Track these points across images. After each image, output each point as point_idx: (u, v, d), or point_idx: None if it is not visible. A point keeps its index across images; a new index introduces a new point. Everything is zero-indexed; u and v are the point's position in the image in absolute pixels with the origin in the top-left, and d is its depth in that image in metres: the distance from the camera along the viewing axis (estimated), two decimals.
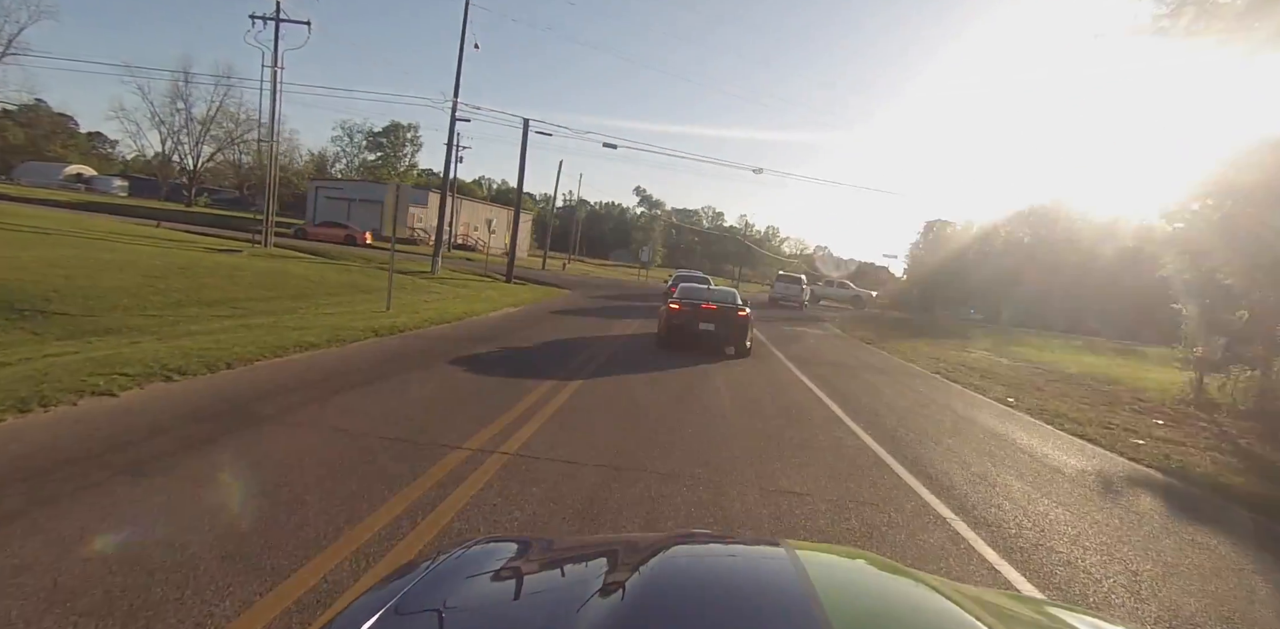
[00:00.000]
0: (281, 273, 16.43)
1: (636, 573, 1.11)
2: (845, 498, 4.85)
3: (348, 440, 4.81)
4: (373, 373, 7.41)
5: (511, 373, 8.55)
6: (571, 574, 1.24)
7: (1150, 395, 12.47)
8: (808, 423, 7.51)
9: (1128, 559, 4.36)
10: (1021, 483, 5.90)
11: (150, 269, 13.03)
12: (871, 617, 1.07)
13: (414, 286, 18.17)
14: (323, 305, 13.24)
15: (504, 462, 4.71)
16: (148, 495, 3.54)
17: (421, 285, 18.71)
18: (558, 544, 1.48)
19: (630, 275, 47.10)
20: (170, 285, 12.02)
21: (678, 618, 0.99)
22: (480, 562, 1.24)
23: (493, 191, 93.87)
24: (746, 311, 12.28)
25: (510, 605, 1.10)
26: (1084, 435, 8.46)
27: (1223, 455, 8.08)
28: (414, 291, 17.10)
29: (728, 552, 1.49)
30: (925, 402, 10.35)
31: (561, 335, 12.82)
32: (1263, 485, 6.83)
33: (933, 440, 7.24)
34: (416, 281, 19.52)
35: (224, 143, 56.28)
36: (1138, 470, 7.08)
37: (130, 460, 3.99)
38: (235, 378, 6.35)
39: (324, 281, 16.47)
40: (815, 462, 5.77)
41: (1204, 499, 6.31)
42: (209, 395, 5.64)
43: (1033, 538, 4.53)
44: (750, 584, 1.21)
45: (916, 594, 1.22)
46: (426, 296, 16.55)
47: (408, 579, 1.15)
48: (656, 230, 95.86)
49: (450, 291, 18.38)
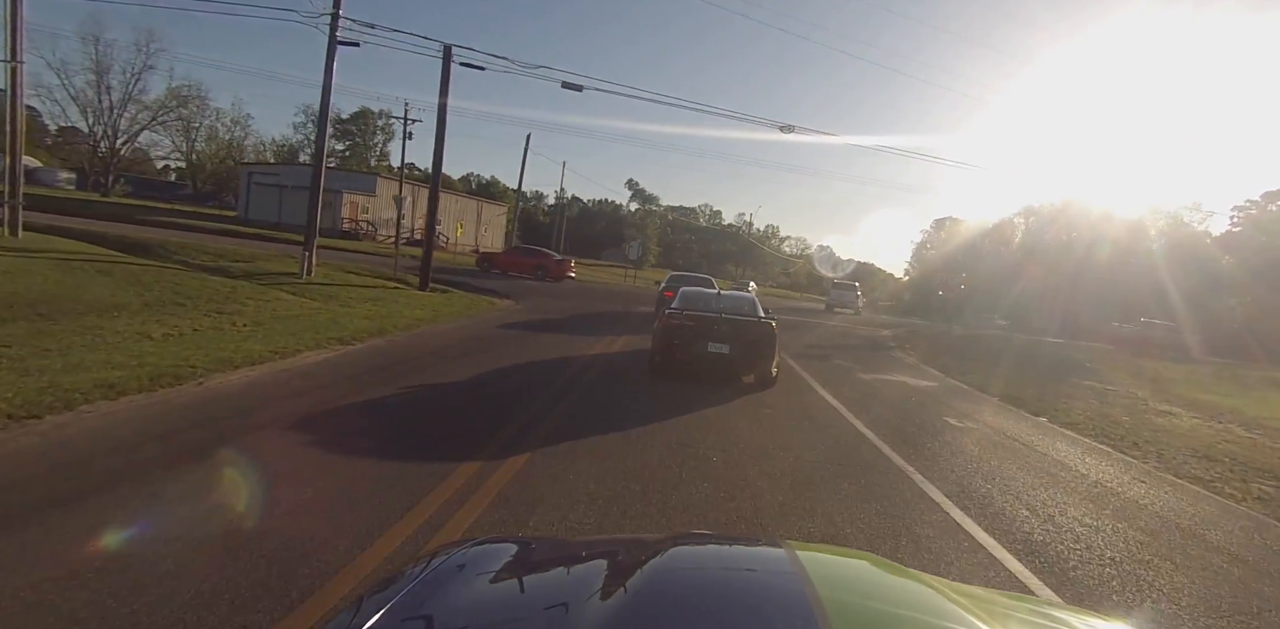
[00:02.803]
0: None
1: (636, 573, 1.09)
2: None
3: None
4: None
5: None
6: (572, 575, 1.19)
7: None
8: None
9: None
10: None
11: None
12: (871, 617, 1.04)
13: (234, 299, 10.93)
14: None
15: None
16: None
17: (249, 299, 11.41)
18: (558, 544, 1.48)
19: (617, 276, 39.74)
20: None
21: (678, 619, 0.98)
22: (480, 562, 1.22)
23: (476, 187, 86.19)
24: (774, 324, 8.87)
25: (510, 606, 1.08)
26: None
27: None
28: (219, 309, 9.92)
29: (728, 552, 1.46)
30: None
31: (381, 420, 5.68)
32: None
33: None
34: (259, 291, 12.24)
35: (150, 120, 48.59)
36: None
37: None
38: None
39: (66, 297, 9.33)
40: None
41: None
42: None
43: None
44: (750, 585, 1.18)
45: (916, 594, 1.18)
46: (232, 317, 9.42)
47: (408, 579, 1.12)
48: (651, 227, 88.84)
49: (285, 309, 11.13)
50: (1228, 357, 31.68)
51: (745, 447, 5.71)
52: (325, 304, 12.23)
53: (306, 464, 4.23)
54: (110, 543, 2.94)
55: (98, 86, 46.05)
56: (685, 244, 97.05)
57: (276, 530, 3.18)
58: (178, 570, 2.75)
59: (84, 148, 50.69)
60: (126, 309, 9.62)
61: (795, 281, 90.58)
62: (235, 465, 3.99)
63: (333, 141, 76.67)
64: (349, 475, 4.07)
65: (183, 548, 2.95)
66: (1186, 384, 16.49)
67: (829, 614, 0.95)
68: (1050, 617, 1.27)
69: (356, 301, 12.96)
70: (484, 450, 4.80)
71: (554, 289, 23.74)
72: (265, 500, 3.54)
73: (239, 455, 4.18)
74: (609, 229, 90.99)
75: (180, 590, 2.60)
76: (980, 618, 1.03)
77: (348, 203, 38.60)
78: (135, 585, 2.61)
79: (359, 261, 21.46)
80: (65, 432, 4.41)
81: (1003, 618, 1.15)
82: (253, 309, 10.42)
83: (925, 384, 11.57)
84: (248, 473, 3.89)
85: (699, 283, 15.14)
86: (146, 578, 2.67)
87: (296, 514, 3.44)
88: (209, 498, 3.56)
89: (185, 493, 3.60)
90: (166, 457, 4.12)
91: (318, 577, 2.81)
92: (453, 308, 13.75)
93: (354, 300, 13.10)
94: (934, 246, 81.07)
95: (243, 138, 65.10)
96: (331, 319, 10.39)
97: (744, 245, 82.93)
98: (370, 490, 3.83)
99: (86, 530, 3.03)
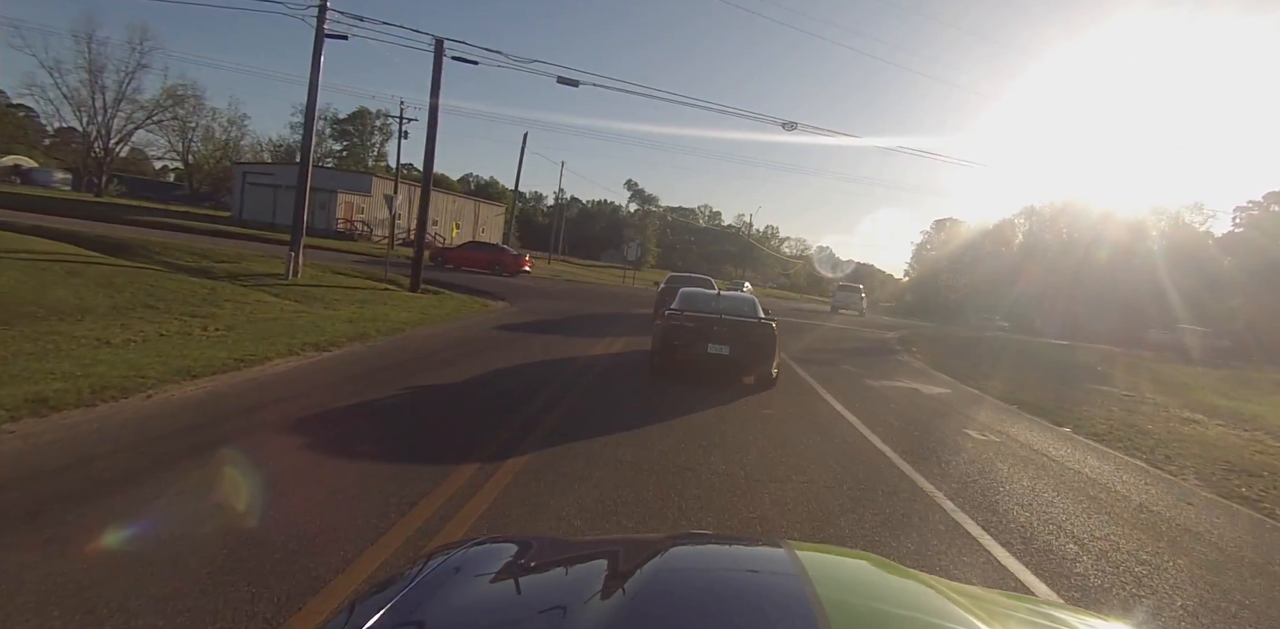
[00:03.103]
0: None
1: (636, 574, 1.08)
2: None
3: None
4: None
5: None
6: (572, 575, 1.18)
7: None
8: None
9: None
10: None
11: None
12: (871, 617, 1.03)
13: (212, 301, 10.38)
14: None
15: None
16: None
17: (228, 301, 10.86)
18: (558, 544, 1.45)
19: (615, 278, 39.11)
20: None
21: (678, 619, 0.97)
22: (480, 562, 1.20)
23: (475, 187, 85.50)
24: (774, 325, 8.82)
25: (510, 606, 1.07)
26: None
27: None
28: (193, 312, 9.37)
29: (728, 552, 1.45)
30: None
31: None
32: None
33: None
34: (240, 293, 11.69)
35: (145, 119, 47.99)
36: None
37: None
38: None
39: (25, 299, 8.76)
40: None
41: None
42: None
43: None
44: (750, 585, 1.18)
45: (916, 594, 1.17)
46: (207, 319, 8.86)
47: (408, 579, 1.11)
48: (650, 228, 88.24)
49: (264, 313, 10.59)
50: (1231, 359, 31.16)
51: (753, 469, 5.13)
52: (308, 306, 11.66)
53: (227, 519, 3.62)
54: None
55: (91, 85, 45.43)
56: (684, 245, 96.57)
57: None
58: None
59: (78, 148, 49.96)
60: (92, 312, 9.06)
61: (795, 283, 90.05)
62: (138, 516, 3.30)
63: (330, 142, 76.07)
64: (273, 542, 3.07)
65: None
66: (1201, 389, 15.94)
67: (829, 614, 0.94)
68: (1050, 617, 1.26)
69: (342, 304, 12.39)
70: (452, 482, 4.21)
71: (547, 290, 23.10)
72: (144, 574, 2.89)
73: (154, 497, 3.58)
74: (608, 230, 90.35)
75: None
76: (980, 618, 1.02)
77: (342, 203, 37.99)
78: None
79: (350, 262, 20.90)
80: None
81: (1003, 618, 1.14)
82: (229, 312, 9.84)
83: (938, 391, 10.99)
84: (152, 529, 3.29)
85: (699, 284, 14.57)
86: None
87: (184, 598, 2.56)
88: (65, 564, 2.76)
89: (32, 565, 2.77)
90: (62, 497, 3.51)
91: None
92: (442, 310, 13.18)
93: (339, 302, 12.52)
94: (934, 247, 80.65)
95: (239, 138, 64.38)
96: (312, 323, 9.81)
97: (744, 246, 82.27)
98: (284, 558, 2.97)
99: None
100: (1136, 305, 43.97)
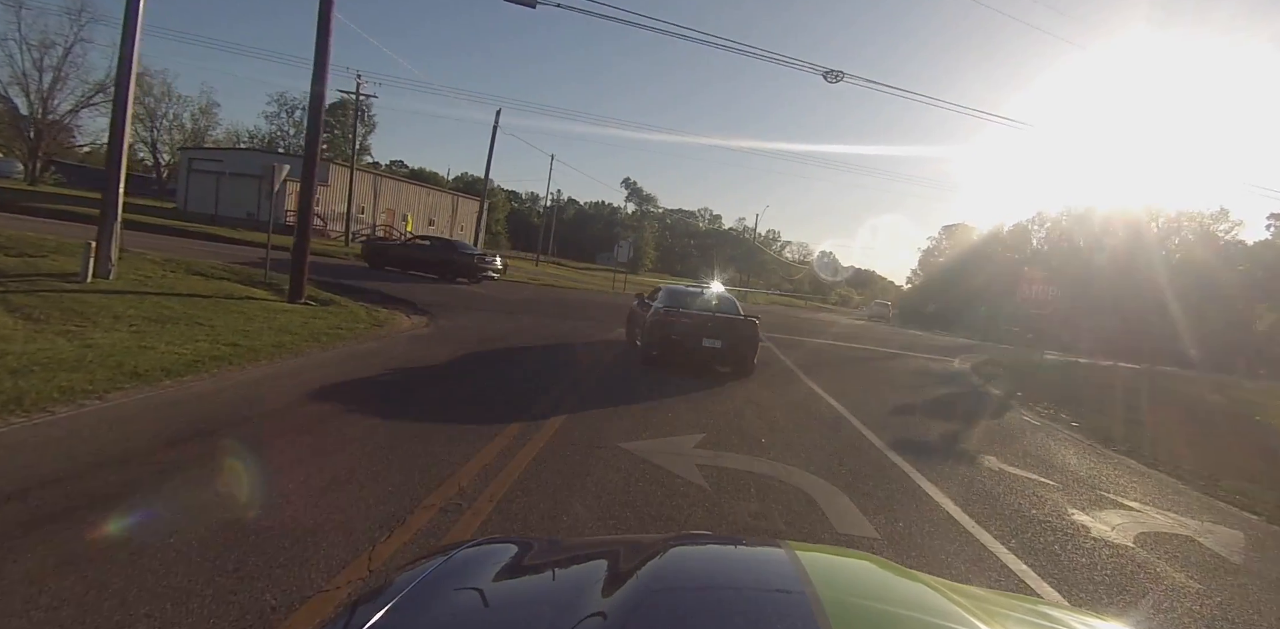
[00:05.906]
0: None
1: (636, 574, 1.06)
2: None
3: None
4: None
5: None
6: (572, 575, 1.17)
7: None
8: None
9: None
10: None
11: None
12: (871, 617, 1.02)
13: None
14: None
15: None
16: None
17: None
18: (558, 545, 1.42)
19: (604, 282, 34.11)
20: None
21: (678, 620, 0.95)
22: (481, 562, 1.19)
23: (462, 182, 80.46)
24: (756, 322, 9.93)
25: (510, 606, 1.06)
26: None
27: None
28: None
29: (728, 553, 1.44)
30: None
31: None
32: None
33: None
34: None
35: (85, 99, 43.16)
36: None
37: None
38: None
39: None
40: None
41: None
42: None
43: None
44: (750, 585, 1.15)
45: (916, 594, 1.15)
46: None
47: (408, 580, 1.09)
48: (648, 230, 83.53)
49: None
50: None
51: None
52: (57, 332, 6.78)
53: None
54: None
55: (21, 59, 40.55)
56: (684, 248, 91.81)
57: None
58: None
59: (14, 132, 45.07)
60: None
61: (798, 288, 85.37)
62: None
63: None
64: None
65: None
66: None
67: (829, 614, 0.92)
68: (1050, 617, 1.24)
69: (141, 323, 7.53)
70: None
71: (504, 300, 17.27)
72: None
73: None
74: (604, 232, 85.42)
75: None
76: (980, 618, 1.01)
77: (292, 193, 33.08)
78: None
79: (237, 260, 15.79)
80: None
81: (1003, 618, 1.12)
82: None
83: (1163, 520, 6.13)
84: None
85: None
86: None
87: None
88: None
89: None
90: None
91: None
92: (297, 335, 8.25)
93: (138, 321, 7.64)
94: (942, 253, 75.94)
95: (206, 127, 59.31)
96: (10, 369, 4.96)
97: (746, 250, 77.47)
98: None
99: None
100: (1168, 318, 39.36)
